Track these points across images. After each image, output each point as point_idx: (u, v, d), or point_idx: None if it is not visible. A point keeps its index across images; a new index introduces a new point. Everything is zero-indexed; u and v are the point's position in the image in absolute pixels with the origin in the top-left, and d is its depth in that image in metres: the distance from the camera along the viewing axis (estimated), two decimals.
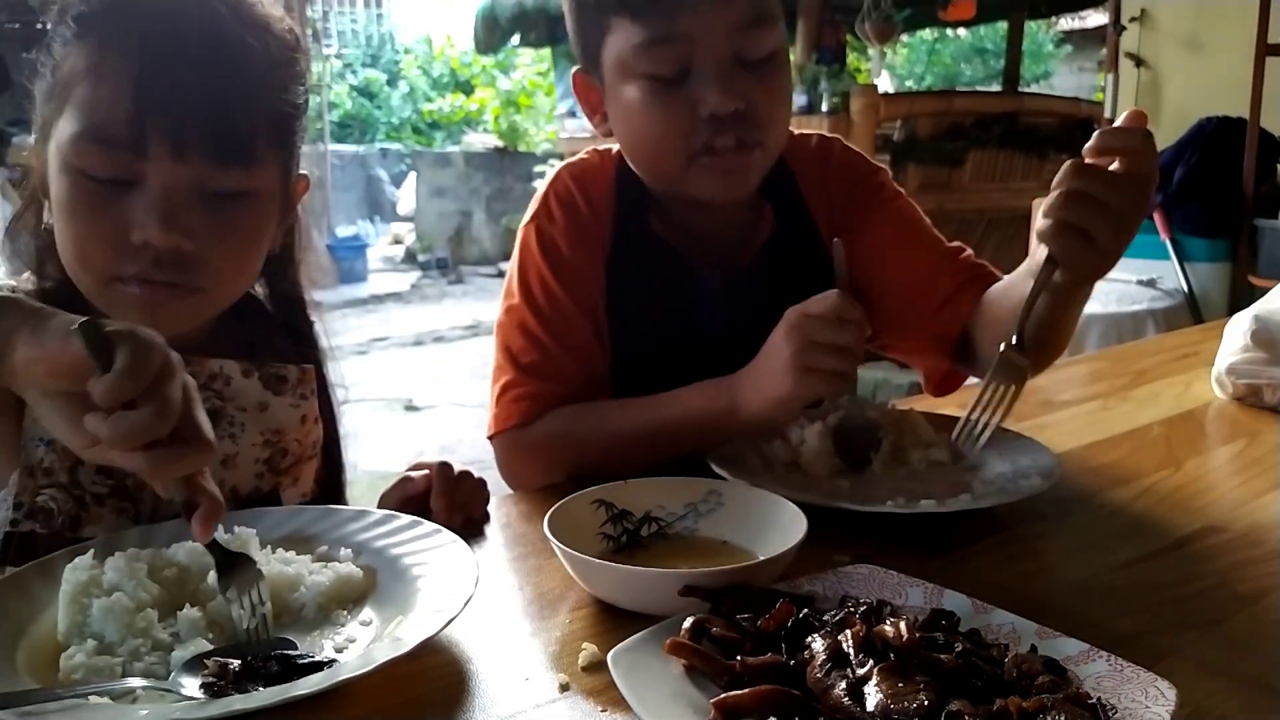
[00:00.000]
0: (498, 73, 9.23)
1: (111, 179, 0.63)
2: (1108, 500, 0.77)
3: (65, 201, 0.64)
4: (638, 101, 0.81)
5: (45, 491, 0.66)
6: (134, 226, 0.63)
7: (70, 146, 0.63)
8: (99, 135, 0.63)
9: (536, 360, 0.87)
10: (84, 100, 0.63)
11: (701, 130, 0.79)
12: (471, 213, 7.81)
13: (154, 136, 0.62)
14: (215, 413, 0.71)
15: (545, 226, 0.89)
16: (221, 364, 0.72)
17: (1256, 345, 1.03)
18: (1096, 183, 0.64)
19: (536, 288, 0.88)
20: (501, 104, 8.75)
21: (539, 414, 0.86)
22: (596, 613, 0.59)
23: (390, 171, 8.75)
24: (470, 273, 7.58)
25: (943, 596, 0.54)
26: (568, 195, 0.90)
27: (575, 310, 0.88)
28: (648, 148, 0.85)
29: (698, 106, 0.79)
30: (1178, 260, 2.88)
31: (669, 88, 0.79)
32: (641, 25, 0.79)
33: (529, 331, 0.87)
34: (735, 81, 0.79)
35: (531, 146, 8.19)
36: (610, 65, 0.83)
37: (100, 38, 0.64)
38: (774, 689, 0.44)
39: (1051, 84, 10.06)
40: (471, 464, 0.77)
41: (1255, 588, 0.62)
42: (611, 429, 0.84)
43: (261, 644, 0.53)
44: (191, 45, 0.64)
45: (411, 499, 0.73)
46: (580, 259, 0.88)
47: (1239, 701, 0.49)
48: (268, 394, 0.74)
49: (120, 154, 0.63)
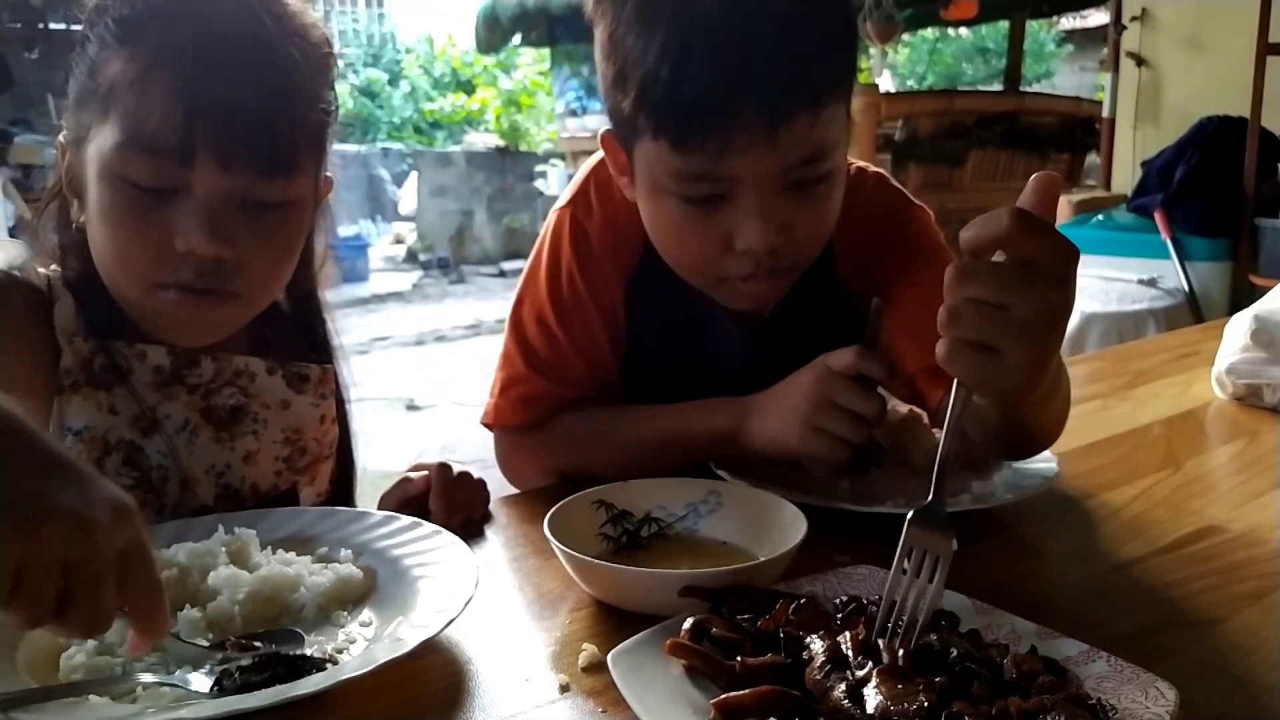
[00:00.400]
0: (499, 72, 9.24)
1: (156, 188, 0.64)
2: (1108, 500, 0.77)
3: (107, 208, 0.65)
4: (667, 217, 0.73)
5: None
6: (177, 235, 0.64)
7: (115, 155, 0.63)
8: (147, 145, 0.63)
9: (548, 358, 0.83)
10: (131, 109, 0.63)
11: (735, 262, 0.72)
12: (473, 212, 7.81)
13: (203, 147, 0.63)
14: (240, 409, 0.73)
15: (581, 217, 0.83)
16: (247, 361, 0.74)
17: (1257, 345, 1.02)
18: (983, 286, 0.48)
19: (562, 279, 0.83)
20: (503, 103, 8.76)
21: (543, 416, 0.85)
22: (596, 613, 0.59)
23: (392, 171, 8.75)
24: (472, 272, 7.58)
25: (943, 596, 0.54)
26: (609, 188, 0.82)
27: (595, 312, 0.83)
28: (674, 258, 0.77)
29: (734, 237, 0.70)
30: (1178, 259, 2.87)
31: (704, 211, 0.71)
32: (678, 156, 0.68)
33: (545, 324, 0.83)
34: (778, 211, 0.70)
35: (533, 146, 8.19)
36: (641, 168, 0.73)
37: (148, 46, 0.63)
38: (774, 689, 0.44)
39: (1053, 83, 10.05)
40: (472, 464, 0.77)
41: (1255, 588, 0.62)
42: (617, 438, 0.82)
43: (269, 635, 0.53)
44: (239, 55, 0.64)
45: (411, 500, 0.73)
46: (608, 262, 0.83)
47: (1239, 701, 0.49)
48: (290, 392, 0.76)
49: (167, 163, 0.63)
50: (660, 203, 0.73)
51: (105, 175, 0.64)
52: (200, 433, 0.72)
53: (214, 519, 0.64)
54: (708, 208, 0.71)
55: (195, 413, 0.72)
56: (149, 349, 0.70)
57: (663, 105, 0.67)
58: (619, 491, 0.67)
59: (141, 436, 0.70)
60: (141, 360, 0.70)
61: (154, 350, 0.70)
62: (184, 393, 0.71)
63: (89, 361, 0.69)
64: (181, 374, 0.71)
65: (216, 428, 0.72)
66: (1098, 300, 2.67)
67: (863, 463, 0.75)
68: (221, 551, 0.59)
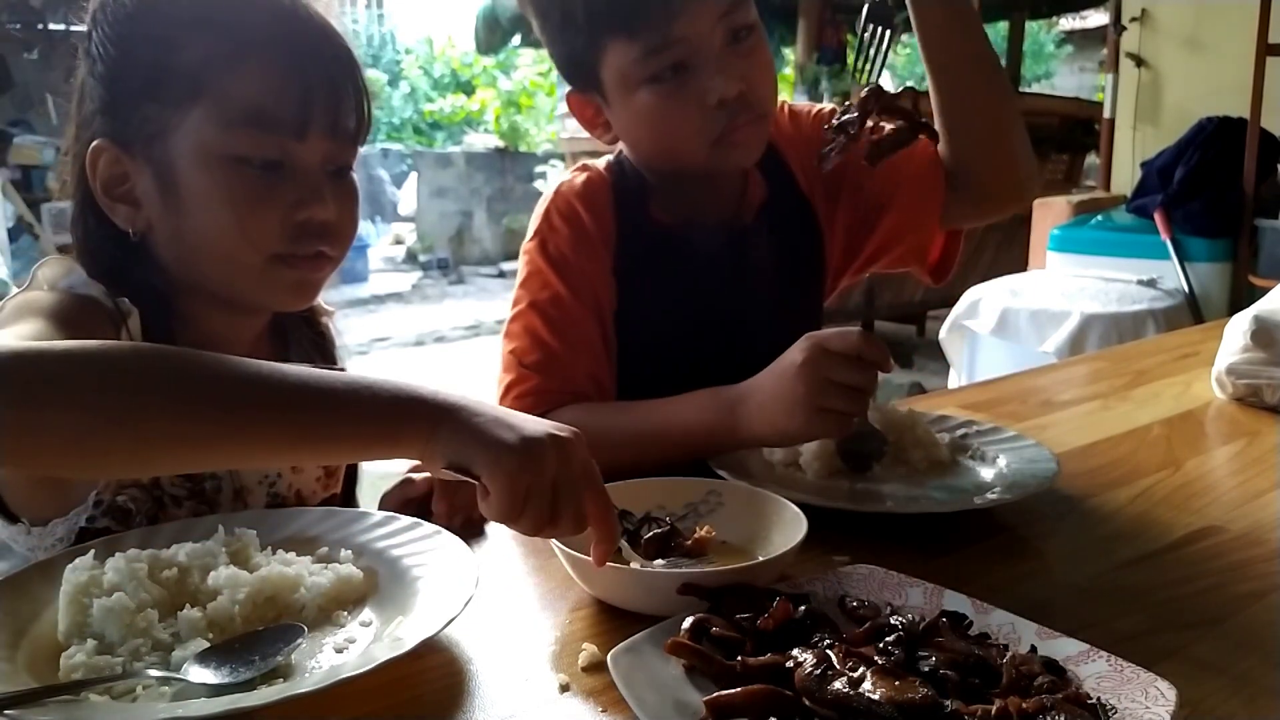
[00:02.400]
0: (499, 73, 9.24)
1: (271, 162, 0.66)
2: (1107, 500, 0.77)
3: (220, 192, 0.66)
4: (648, 106, 0.84)
5: (126, 491, 0.68)
6: (296, 205, 0.67)
7: (225, 137, 0.65)
8: (265, 121, 0.65)
9: (541, 359, 0.88)
10: (236, 91, 0.65)
11: (715, 117, 0.83)
12: (473, 213, 7.82)
13: (315, 118, 0.66)
14: None
15: (549, 237, 0.92)
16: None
17: (1256, 345, 1.03)
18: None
19: (542, 293, 0.90)
20: (502, 104, 8.76)
21: (542, 410, 0.86)
22: (596, 613, 0.59)
23: (391, 172, 8.75)
24: (471, 273, 7.59)
25: (943, 596, 0.54)
26: (569, 209, 0.93)
27: (582, 311, 0.90)
28: (668, 145, 0.87)
29: (705, 96, 0.82)
30: (1178, 260, 2.87)
31: (674, 87, 0.82)
32: (639, 40, 0.81)
33: (535, 334, 0.90)
34: (732, 64, 0.82)
35: (532, 147, 8.20)
36: (612, 81, 0.85)
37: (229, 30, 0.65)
38: (766, 688, 0.44)
39: (1053, 84, 10.05)
40: None
41: (1255, 587, 0.62)
42: (614, 433, 0.84)
43: (270, 630, 0.53)
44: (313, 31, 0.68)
45: (412, 501, 0.73)
46: (585, 264, 0.91)
47: (1239, 701, 0.49)
48: None
49: (283, 137, 0.66)
50: (637, 100, 0.84)
51: (210, 160, 0.65)
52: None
53: (214, 519, 0.64)
54: (676, 81, 0.82)
55: None
56: None
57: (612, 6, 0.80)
58: (619, 491, 0.67)
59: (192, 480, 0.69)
60: None
61: None
62: None
63: None
64: None
65: None
66: (1097, 301, 2.67)
67: (864, 458, 0.76)
68: (222, 552, 0.59)
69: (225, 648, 0.52)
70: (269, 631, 0.53)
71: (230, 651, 0.51)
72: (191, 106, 0.65)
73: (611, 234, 0.92)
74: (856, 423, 0.75)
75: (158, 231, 0.69)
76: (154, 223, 0.69)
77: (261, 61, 0.65)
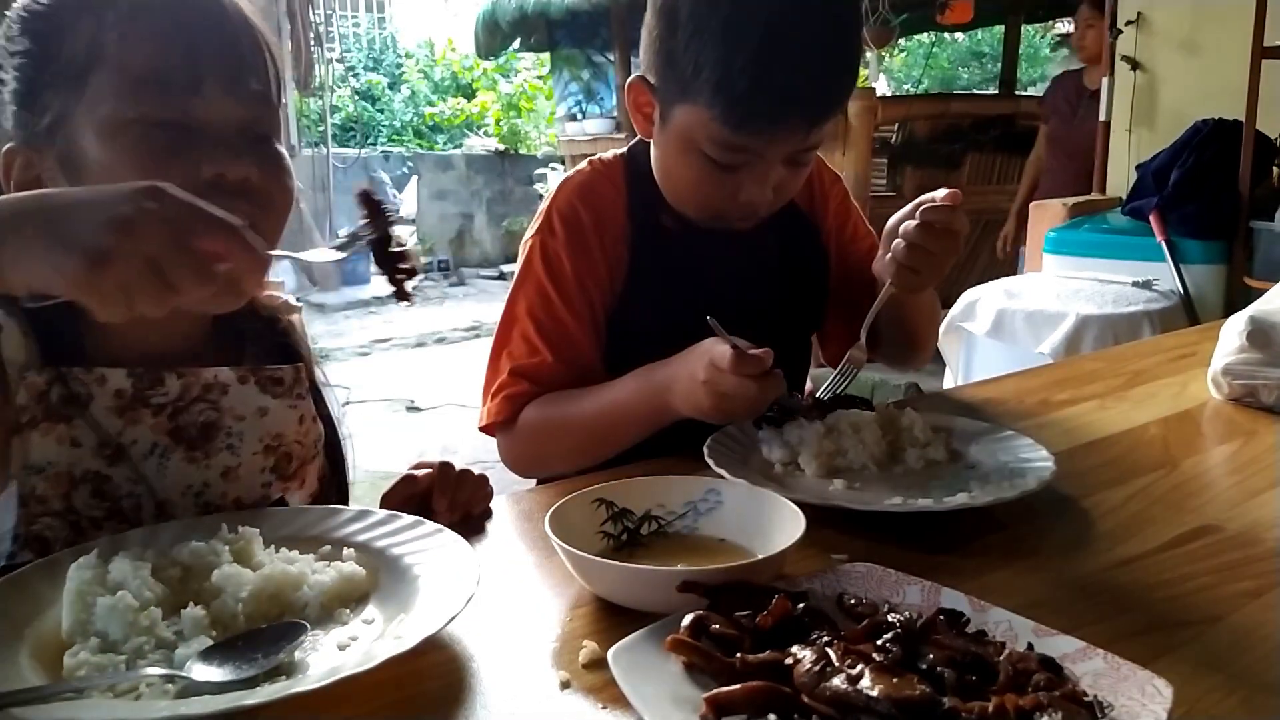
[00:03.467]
0: (499, 76, 9.25)
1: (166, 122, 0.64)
2: (1105, 499, 0.78)
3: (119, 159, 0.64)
4: (688, 169, 0.90)
5: (40, 520, 0.65)
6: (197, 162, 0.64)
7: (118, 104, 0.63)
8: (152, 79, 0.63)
9: (529, 365, 0.93)
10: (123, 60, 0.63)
11: (737, 205, 0.91)
12: (473, 215, 7.82)
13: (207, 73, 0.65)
14: (211, 425, 0.70)
15: (548, 241, 0.96)
16: (216, 373, 0.71)
17: (1252, 346, 1.03)
18: (931, 239, 0.86)
19: (536, 299, 0.94)
20: (502, 107, 8.77)
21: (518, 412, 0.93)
22: (597, 610, 0.59)
23: (392, 174, 8.75)
24: (471, 275, 7.59)
25: (940, 595, 0.55)
26: (570, 211, 0.96)
27: (573, 323, 0.94)
28: (685, 198, 0.95)
29: (740, 193, 0.89)
30: (1173, 262, 2.88)
31: (723, 171, 0.88)
32: (728, 133, 0.85)
33: (527, 340, 0.94)
34: (777, 177, 0.90)
35: (532, 150, 8.20)
36: (680, 123, 0.89)
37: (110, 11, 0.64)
38: (765, 685, 0.45)
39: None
40: (473, 464, 0.78)
41: (1252, 586, 0.62)
42: (571, 419, 0.91)
43: (274, 628, 0.54)
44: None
45: (413, 497, 0.73)
46: (583, 271, 0.95)
47: (1235, 699, 0.49)
48: (266, 397, 0.73)
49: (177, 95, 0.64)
50: (687, 158, 0.90)
51: (109, 131, 0.64)
52: (171, 454, 0.69)
53: (217, 518, 0.65)
54: (727, 171, 0.88)
55: (163, 434, 0.68)
56: (108, 372, 0.67)
57: (735, 102, 0.83)
58: (619, 490, 0.67)
59: (108, 465, 0.67)
60: (101, 385, 0.67)
61: (113, 374, 0.67)
62: (149, 415, 0.68)
63: (45, 393, 0.65)
64: (145, 395, 0.68)
65: (188, 447, 0.69)
66: (1093, 302, 2.67)
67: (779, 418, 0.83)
68: (225, 550, 0.59)
69: (228, 645, 0.52)
70: (272, 629, 0.54)
71: (233, 649, 0.51)
72: (84, 87, 0.64)
73: (623, 233, 0.96)
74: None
75: None
76: None
77: (148, 25, 0.64)
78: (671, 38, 0.87)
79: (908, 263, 0.87)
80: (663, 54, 0.88)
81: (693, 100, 0.86)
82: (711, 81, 0.83)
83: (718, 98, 0.83)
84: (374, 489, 0.78)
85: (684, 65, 0.85)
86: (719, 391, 0.79)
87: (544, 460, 0.95)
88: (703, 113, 0.85)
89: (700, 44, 0.84)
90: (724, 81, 0.82)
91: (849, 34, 0.88)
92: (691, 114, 0.87)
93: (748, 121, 0.84)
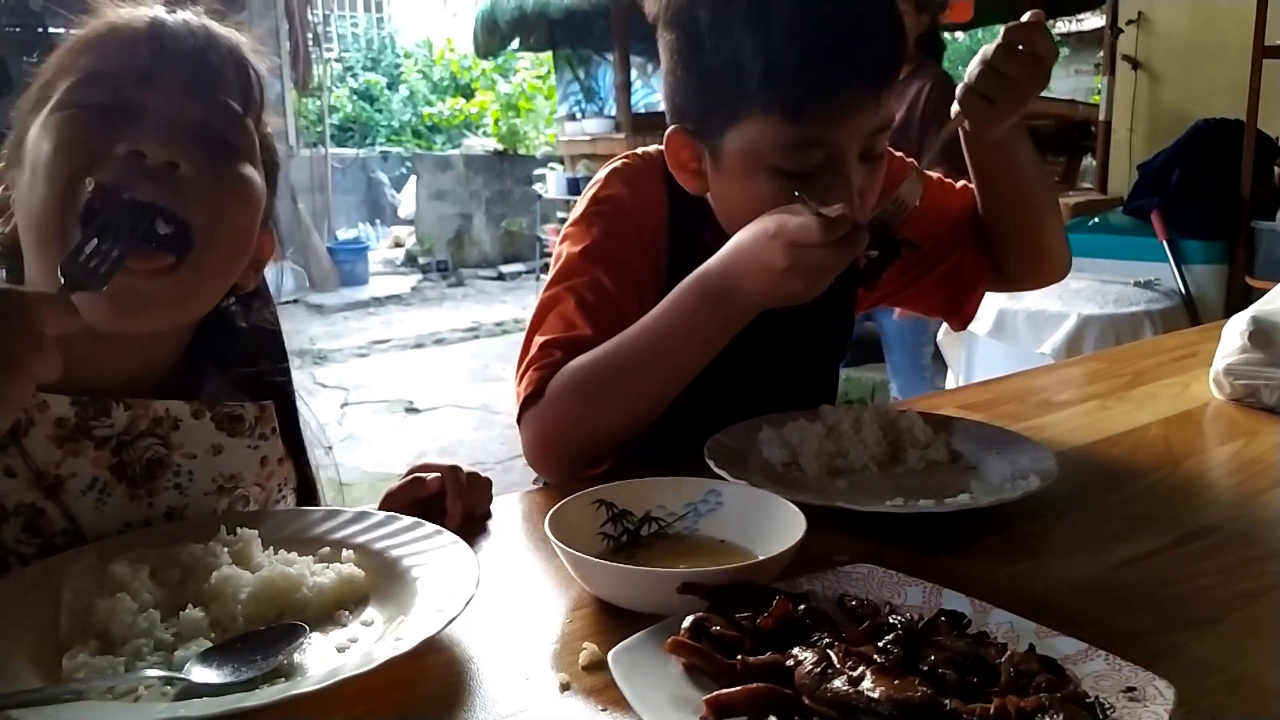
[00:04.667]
0: (497, 76, 9.26)
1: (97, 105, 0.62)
2: (1106, 500, 0.78)
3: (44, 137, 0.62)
4: (764, 193, 0.79)
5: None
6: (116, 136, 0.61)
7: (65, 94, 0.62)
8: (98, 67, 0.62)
9: (563, 337, 0.83)
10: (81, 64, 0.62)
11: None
12: (471, 216, 7.82)
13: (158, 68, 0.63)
14: (158, 462, 0.66)
15: (593, 222, 0.88)
16: (168, 406, 0.67)
17: (1254, 346, 1.03)
18: (1013, 63, 0.80)
19: (578, 278, 0.86)
20: (501, 107, 8.77)
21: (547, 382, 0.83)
22: (597, 612, 0.59)
23: (390, 175, 8.76)
24: (470, 275, 7.59)
25: (941, 596, 0.55)
26: (617, 200, 0.89)
27: (620, 298, 0.85)
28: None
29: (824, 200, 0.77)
30: (1175, 262, 2.88)
31: (798, 184, 0.77)
32: (793, 127, 0.77)
33: (564, 317, 0.85)
34: (859, 179, 0.81)
35: (531, 150, 8.21)
36: (736, 147, 0.81)
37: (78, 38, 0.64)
38: (766, 687, 0.44)
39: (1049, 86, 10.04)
40: (472, 465, 0.78)
41: (1253, 587, 0.62)
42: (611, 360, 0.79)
43: (273, 630, 0.53)
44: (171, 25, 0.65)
45: (416, 501, 0.72)
46: (630, 255, 0.87)
47: (1237, 700, 0.49)
48: (222, 435, 0.69)
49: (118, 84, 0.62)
50: (754, 183, 0.81)
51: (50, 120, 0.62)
52: (112, 491, 0.64)
53: (215, 519, 0.65)
54: (804, 181, 0.78)
55: (105, 469, 0.64)
56: (51, 399, 0.62)
57: (790, 84, 0.76)
58: (619, 491, 0.67)
59: (44, 498, 0.63)
60: (43, 411, 0.62)
61: (57, 400, 0.63)
62: (91, 448, 0.64)
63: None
64: (89, 426, 0.64)
65: (131, 484, 0.65)
66: (1094, 302, 2.67)
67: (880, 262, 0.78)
68: (224, 552, 0.59)
69: (227, 647, 0.52)
70: (271, 631, 0.53)
71: (232, 651, 0.51)
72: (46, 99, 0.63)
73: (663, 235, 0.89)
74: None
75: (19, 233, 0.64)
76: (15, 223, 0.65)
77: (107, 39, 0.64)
78: (698, 56, 0.80)
79: (982, 88, 0.79)
80: (693, 83, 0.82)
81: (744, 113, 0.78)
82: (757, 73, 0.76)
83: (771, 91, 0.76)
84: (373, 490, 0.78)
85: (721, 80, 0.78)
86: (810, 266, 0.71)
87: (579, 426, 0.81)
88: (758, 121, 0.78)
89: (733, 44, 0.77)
90: (771, 68, 0.76)
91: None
92: (746, 131, 0.79)
93: (810, 101, 0.76)
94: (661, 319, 0.79)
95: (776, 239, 0.72)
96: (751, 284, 0.75)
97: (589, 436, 0.82)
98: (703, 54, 0.80)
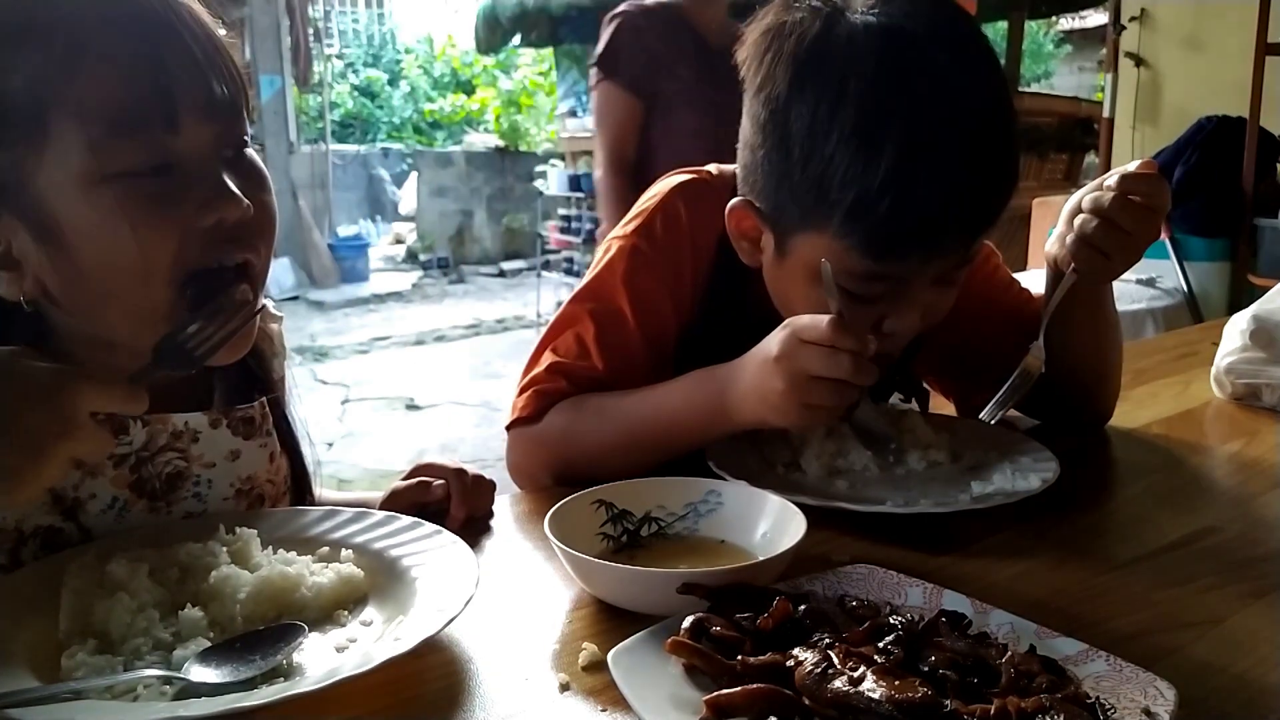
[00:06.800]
0: (499, 73, 9.26)
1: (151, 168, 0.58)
2: (1106, 500, 0.78)
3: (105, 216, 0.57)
4: (816, 302, 0.72)
5: None
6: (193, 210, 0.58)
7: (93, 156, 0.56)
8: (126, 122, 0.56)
9: (575, 366, 0.82)
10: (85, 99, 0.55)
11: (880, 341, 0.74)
12: (473, 212, 7.83)
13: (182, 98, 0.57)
14: (178, 475, 0.66)
15: (640, 244, 0.84)
16: (187, 419, 0.66)
17: (1255, 345, 1.03)
18: (1128, 216, 0.75)
19: (607, 305, 0.83)
20: (502, 104, 8.77)
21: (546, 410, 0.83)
22: (596, 612, 0.59)
23: (391, 171, 8.76)
24: (471, 272, 7.60)
25: (942, 596, 0.55)
26: (673, 211, 0.84)
27: (639, 343, 0.83)
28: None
29: (883, 324, 0.74)
30: (1177, 259, 2.88)
31: (858, 305, 0.73)
32: (870, 263, 0.71)
33: (582, 342, 0.83)
34: (927, 302, 0.75)
35: (532, 146, 8.21)
36: (802, 253, 0.74)
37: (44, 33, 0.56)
38: (766, 687, 0.44)
39: (1051, 83, 10.05)
40: (473, 463, 0.78)
41: (1254, 587, 0.62)
42: (605, 420, 0.79)
43: (272, 630, 0.53)
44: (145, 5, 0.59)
45: (416, 505, 0.72)
46: (669, 289, 0.84)
47: (1238, 701, 0.49)
48: (238, 440, 0.69)
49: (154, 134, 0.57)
50: (816, 292, 0.71)
51: (87, 186, 0.57)
52: (131, 508, 0.64)
53: (215, 518, 0.64)
54: (865, 303, 0.73)
55: (125, 488, 0.64)
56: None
57: (877, 227, 0.69)
58: (619, 491, 0.67)
59: (63, 520, 0.62)
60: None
61: None
62: (110, 467, 0.63)
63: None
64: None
65: (151, 499, 0.65)
66: None
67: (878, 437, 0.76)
68: (223, 551, 0.59)
69: (226, 647, 0.52)
70: (270, 631, 0.53)
71: (231, 651, 0.51)
72: (44, 138, 0.56)
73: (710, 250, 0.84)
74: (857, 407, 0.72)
75: (52, 291, 0.60)
76: (44, 281, 0.60)
77: (101, 58, 0.56)
78: (784, 158, 0.72)
79: (1099, 243, 0.74)
80: (773, 176, 0.73)
81: (819, 229, 0.71)
82: (844, 206, 0.68)
83: (854, 225, 0.69)
84: (374, 488, 0.78)
85: (803, 190, 0.71)
86: (798, 371, 0.66)
87: (561, 466, 0.81)
88: (834, 242, 0.70)
89: (824, 163, 0.69)
90: (860, 205, 0.68)
91: (1005, 126, 0.72)
92: (819, 243, 0.71)
93: (894, 248, 0.69)
94: (664, 403, 0.77)
95: (779, 333, 0.69)
96: (741, 383, 0.72)
97: (568, 473, 0.81)
98: (790, 156, 0.72)
